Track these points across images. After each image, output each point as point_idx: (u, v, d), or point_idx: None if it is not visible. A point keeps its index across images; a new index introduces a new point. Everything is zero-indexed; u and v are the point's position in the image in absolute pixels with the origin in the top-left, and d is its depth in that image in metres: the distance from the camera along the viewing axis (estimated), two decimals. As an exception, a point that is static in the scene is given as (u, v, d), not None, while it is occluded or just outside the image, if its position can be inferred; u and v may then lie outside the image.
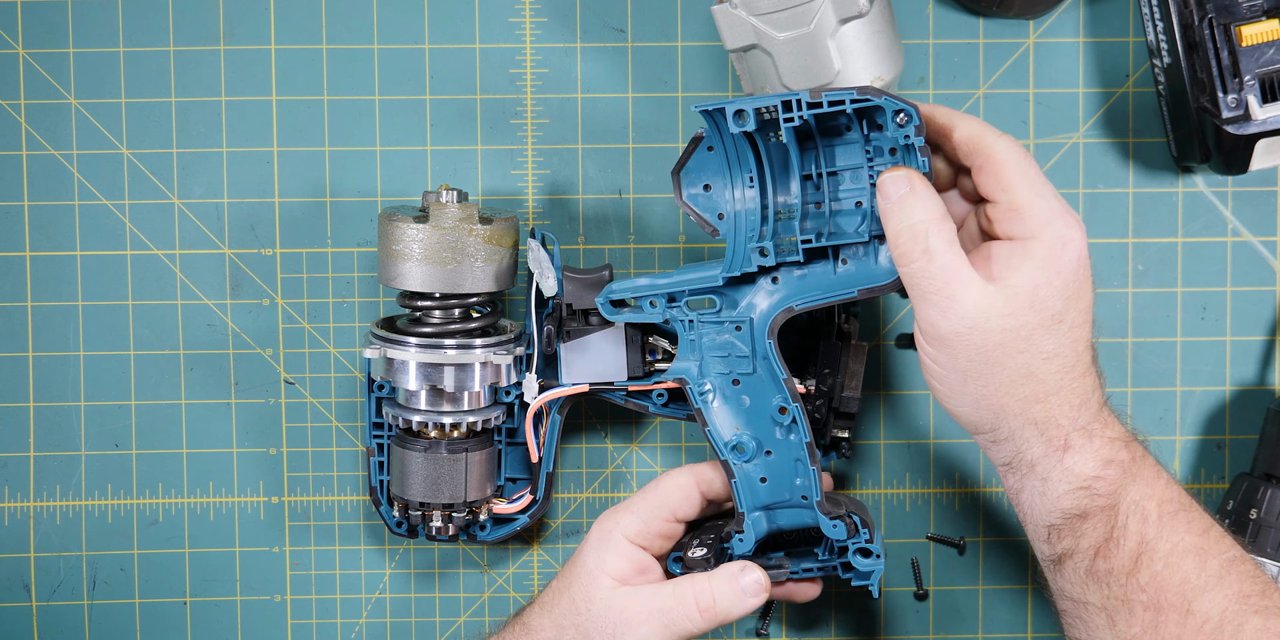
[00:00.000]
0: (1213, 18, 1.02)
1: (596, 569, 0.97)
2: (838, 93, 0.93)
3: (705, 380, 1.01)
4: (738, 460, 1.00)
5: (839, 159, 0.99)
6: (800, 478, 1.00)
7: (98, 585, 1.15)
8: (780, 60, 1.00)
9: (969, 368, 0.90)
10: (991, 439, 0.92)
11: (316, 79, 1.12)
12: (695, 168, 1.01)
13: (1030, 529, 0.94)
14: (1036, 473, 0.92)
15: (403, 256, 1.03)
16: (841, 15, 0.98)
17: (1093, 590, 0.91)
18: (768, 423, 1.01)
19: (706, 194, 1.01)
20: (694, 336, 1.01)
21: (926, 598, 1.16)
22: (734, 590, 0.96)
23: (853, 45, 1.00)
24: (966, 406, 0.92)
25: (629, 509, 1.00)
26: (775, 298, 1.00)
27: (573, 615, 0.96)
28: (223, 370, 1.14)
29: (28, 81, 1.12)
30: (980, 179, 0.92)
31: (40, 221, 1.13)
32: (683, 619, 0.95)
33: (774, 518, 1.01)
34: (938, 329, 0.90)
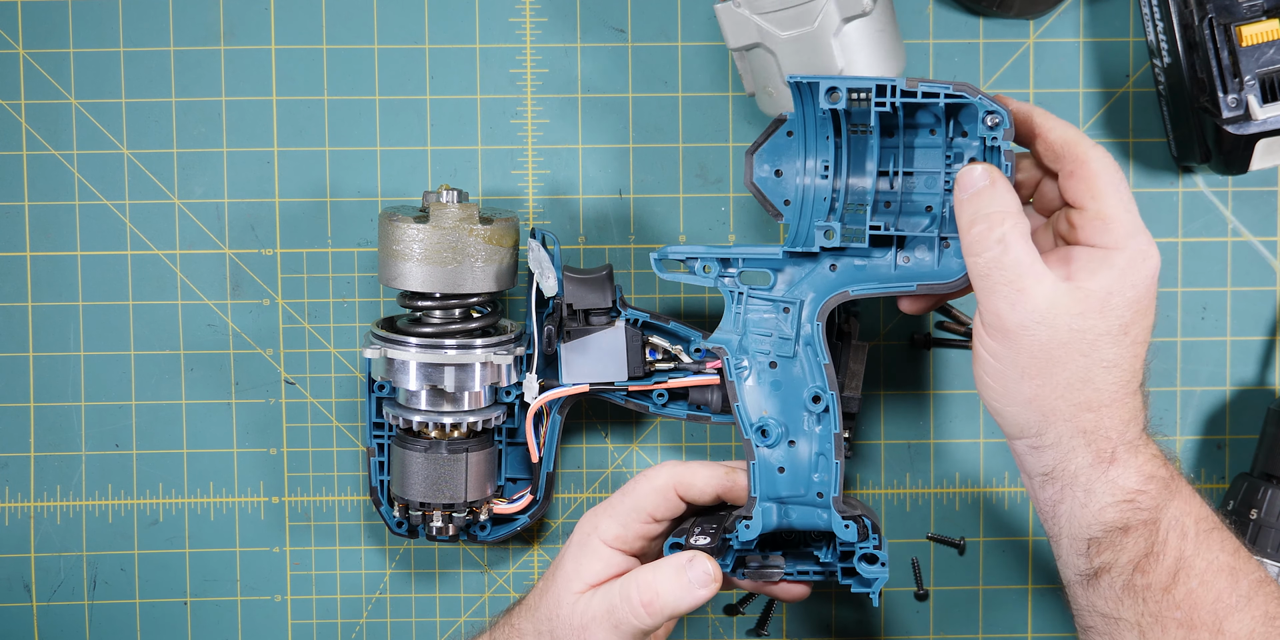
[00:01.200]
0: (1213, 18, 1.02)
1: (573, 574, 0.96)
2: (933, 84, 0.93)
3: (744, 356, 1.00)
4: (760, 443, 0.99)
5: (917, 161, 0.98)
6: (819, 473, 0.98)
7: (98, 585, 1.15)
8: (783, 59, 1.00)
9: (1029, 365, 0.89)
10: (1034, 444, 0.91)
11: (316, 79, 1.12)
12: (770, 151, 1.00)
13: (1065, 543, 0.93)
14: (1079, 484, 0.91)
15: (403, 256, 1.03)
16: (845, 14, 0.98)
17: (1127, 606, 0.90)
18: (798, 411, 0.99)
19: (776, 179, 1.00)
20: (740, 310, 1.00)
21: (926, 598, 1.16)
22: (679, 583, 0.93)
23: (856, 44, 1.00)
24: (1017, 406, 0.91)
25: (607, 512, 0.98)
26: (834, 283, 0.98)
27: (548, 621, 0.96)
28: (223, 370, 1.14)
29: (28, 81, 1.12)
30: (1069, 184, 0.92)
31: (40, 221, 1.13)
32: (628, 616, 0.93)
33: (785, 512, 1.00)
34: (1003, 321, 0.89)
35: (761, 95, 1.04)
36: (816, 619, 1.16)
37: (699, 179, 1.13)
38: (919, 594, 1.16)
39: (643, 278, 1.14)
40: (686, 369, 1.08)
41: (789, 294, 0.99)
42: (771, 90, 1.03)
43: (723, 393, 1.08)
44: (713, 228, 1.14)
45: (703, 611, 1.16)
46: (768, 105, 1.04)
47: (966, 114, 0.95)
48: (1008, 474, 1.16)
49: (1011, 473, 1.16)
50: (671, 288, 1.14)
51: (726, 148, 1.13)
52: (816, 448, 0.99)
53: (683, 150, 1.13)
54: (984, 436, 1.15)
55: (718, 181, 1.13)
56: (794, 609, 1.16)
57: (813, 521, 1.00)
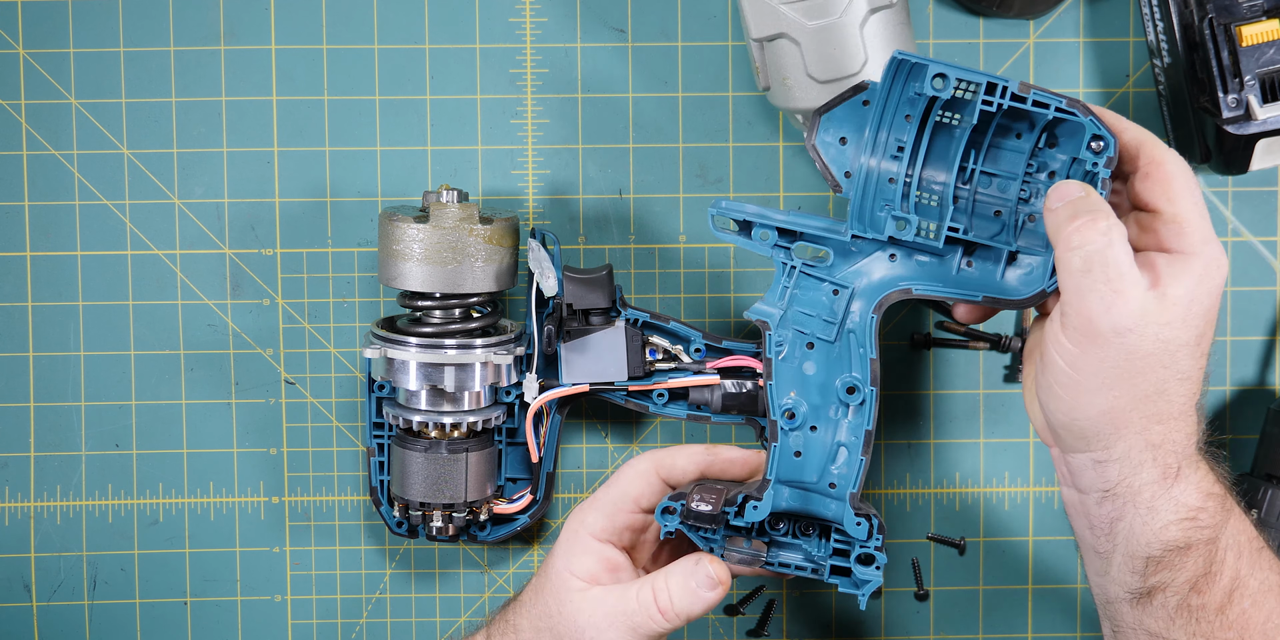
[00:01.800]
0: (1213, 18, 1.02)
1: (565, 571, 0.96)
2: (1046, 96, 0.90)
3: (785, 332, 0.97)
4: (786, 425, 0.97)
5: (997, 162, 0.95)
6: (837, 466, 0.96)
7: (98, 585, 1.15)
8: (807, 49, 0.99)
9: (1111, 374, 0.87)
10: (1101, 458, 0.89)
11: (316, 79, 1.12)
12: (841, 116, 0.95)
13: (1120, 560, 0.90)
14: (1142, 501, 0.89)
15: (403, 256, 1.03)
16: (873, 5, 0.97)
17: (1179, 625, 0.89)
18: (826, 397, 0.97)
19: (839, 147, 0.96)
20: (788, 284, 0.97)
21: (927, 598, 1.16)
22: (688, 589, 0.93)
23: (878, 37, 0.99)
24: (1090, 419, 0.88)
25: (593, 506, 0.98)
26: (892, 274, 0.96)
27: (546, 617, 0.96)
28: (223, 370, 1.14)
29: (28, 81, 1.12)
30: (1144, 186, 0.90)
31: (40, 221, 1.13)
32: (647, 621, 0.94)
33: (797, 498, 0.97)
34: (1096, 325, 0.86)
35: (778, 88, 1.04)
36: (816, 619, 1.16)
37: (699, 179, 1.13)
38: (919, 594, 1.16)
39: (643, 278, 1.14)
40: (686, 369, 1.08)
41: (844, 277, 0.96)
42: (790, 83, 1.02)
43: (722, 393, 1.08)
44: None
45: (703, 611, 1.16)
46: (782, 98, 1.04)
47: (1065, 128, 0.92)
48: (1007, 474, 1.16)
49: (1011, 473, 1.16)
50: (672, 288, 1.14)
51: (726, 148, 1.13)
52: (839, 438, 0.97)
53: (683, 150, 1.13)
54: (984, 436, 1.15)
55: (718, 181, 1.13)
56: (794, 609, 1.16)
57: (821, 511, 0.97)
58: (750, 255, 1.14)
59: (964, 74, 0.91)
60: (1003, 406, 1.15)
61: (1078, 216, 0.88)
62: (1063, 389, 0.89)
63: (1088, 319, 0.86)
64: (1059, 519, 1.16)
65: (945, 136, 0.95)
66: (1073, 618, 1.16)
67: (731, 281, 1.14)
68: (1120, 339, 0.86)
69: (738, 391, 1.08)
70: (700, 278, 1.14)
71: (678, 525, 0.96)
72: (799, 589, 1.16)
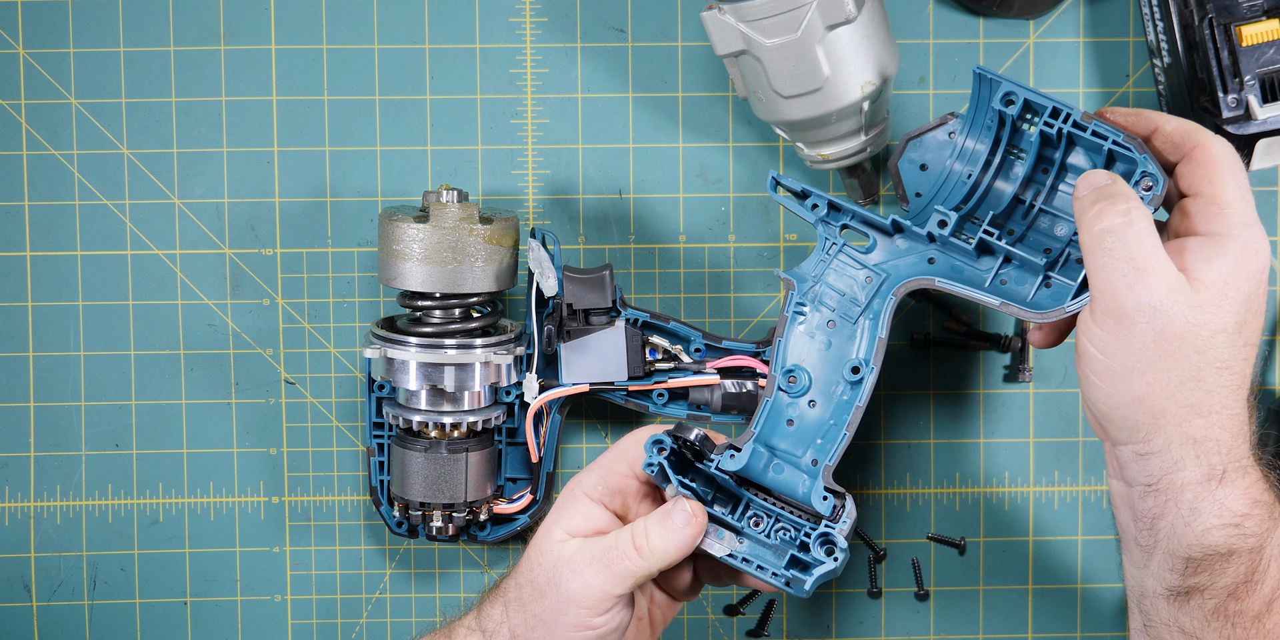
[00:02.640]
0: (1213, 18, 1.02)
1: (553, 525, 0.95)
2: (1106, 128, 0.92)
3: (808, 300, 0.98)
4: (784, 386, 0.97)
5: (1056, 200, 0.97)
6: (824, 440, 0.96)
7: (98, 585, 1.15)
8: (769, 66, 1.00)
9: (1141, 357, 0.86)
10: (1142, 451, 0.89)
11: (316, 79, 1.12)
12: (926, 145, 0.99)
13: (1160, 557, 0.90)
14: (1184, 500, 0.88)
15: (403, 256, 1.03)
16: (829, 21, 0.98)
17: (1214, 629, 0.88)
18: (834, 376, 0.97)
19: (919, 172, 0.99)
20: (826, 258, 0.98)
21: (927, 598, 1.16)
22: (665, 526, 0.93)
23: (843, 50, 0.99)
24: (1126, 407, 0.88)
25: (592, 467, 0.97)
26: (931, 270, 0.97)
27: (528, 572, 0.95)
28: (223, 370, 1.14)
29: (28, 81, 1.12)
30: (1187, 169, 0.90)
31: (40, 221, 1.13)
32: (620, 557, 0.92)
33: (772, 465, 0.96)
34: (1121, 303, 0.86)
35: (753, 101, 1.05)
36: (816, 619, 1.16)
37: (699, 179, 1.13)
38: (919, 594, 1.16)
39: (643, 278, 1.14)
40: (686, 369, 1.08)
41: (880, 265, 0.97)
42: (761, 96, 1.03)
43: (722, 393, 1.08)
44: (713, 228, 1.14)
45: (703, 612, 1.16)
46: (761, 111, 1.04)
47: (1122, 159, 0.93)
48: (1007, 474, 1.16)
49: (1011, 473, 1.16)
50: (672, 288, 1.14)
51: (726, 148, 1.13)
52: (832, 417, 0.97)
53: (683, 150, 1.13)
54: (984, 436, 1.15)
55: (718, 181, 1.13)
56: (794, 609, 1.16)
57: (791, 488, 0.97)
58: (750, 255, 1.14)
59: (1031, 96, 0.93)
60: (1003, 406, 1.15)
61: (1099, 200, 0.88)
62: (1098, 377, 0.88)
63: (1113, 299, 0.87)
64: (1059, 519, 1.16)
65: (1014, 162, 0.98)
66: (1073, 618, 1.16)
67: (731, 281, 1.14)
68: (1147, 318, 0.86)
69: (738, 391, 1.08)
70: (700, 278, 1.14)
71: (660, 459, 0.95)
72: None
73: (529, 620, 0.94)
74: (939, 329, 1.15)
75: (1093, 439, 1.15)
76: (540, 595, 0.93)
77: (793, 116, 1.02)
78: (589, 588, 0.92)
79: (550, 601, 0.93)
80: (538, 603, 0.93)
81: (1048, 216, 0.98)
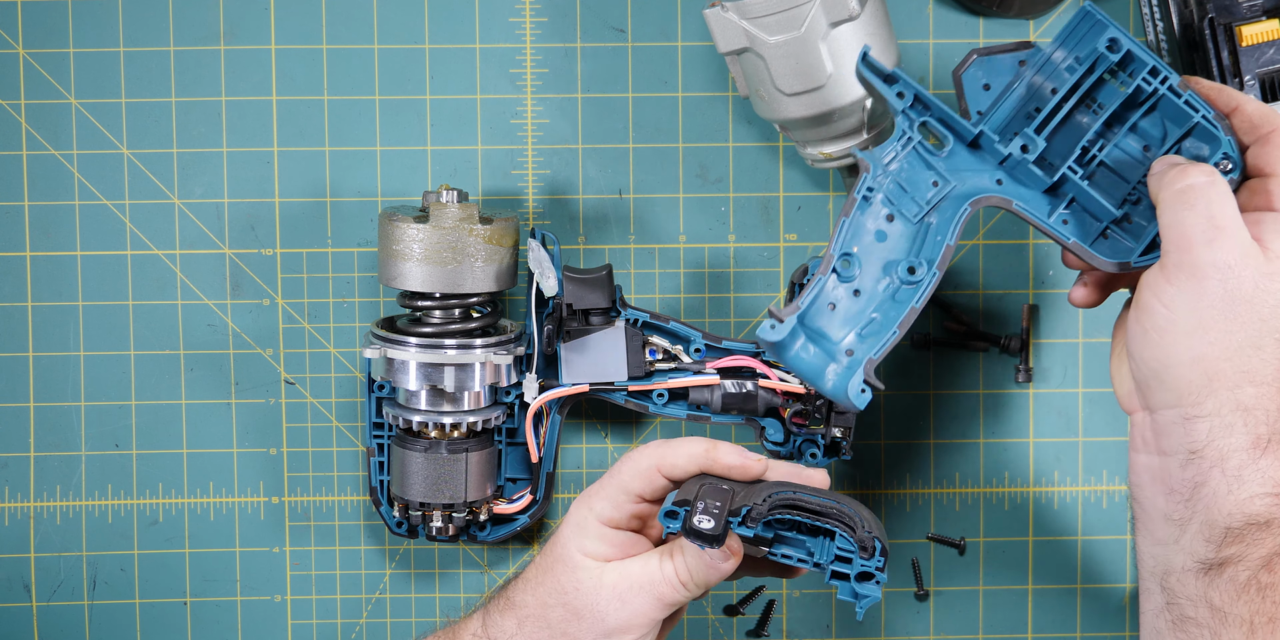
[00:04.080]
0: (1213, 18, 1.02)
1: (578, 553, 0.96)
2: (1199, 101, 0.92)
3: (877, 189, 0.95)
4: (839, 267, 0.94)
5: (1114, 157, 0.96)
6: (861, 330, 0.94)
7: (98, 585, 1.15)
8: (772, 63, 1.00)
9: (1208, 315, 0.87)
10: (1190, 414, 0.88)
11: (316, 79, 1.12)
12: (994, 64, 0.96)
13: (1196, 527, 0.89)
14: (1229, 468, 0.88)
15: (403, 256, 1.03)
16: (832, 18, 0.98)
17: (1244, 602, 0.88)
18: (879, 269, 0.95)
19: (981, 90, 0.96)
20: (899, 152, 0.95)
21: (927, 598, 1.16)
22: (704, 562, 0.93)
23: (845, 48, 1.00)
24: (1182, 365, 0.88)
25: (599, 493, 0.97)
26: (997, 190, 0.95)
27: (559, 594, 0.95)
28: (223, 370, 1.14)
29: (28, 81, 1.12)
30: (1263, 151, 0.91)
31: (40, 221, 1.13)
32: (670, 591, 0.94)
33: (801, 345, 0.94)
34: (1196, 258, 0.87)
35: (754, 99, 1.05)
36: (816, 619, 1.16)
37: (699, 179, 1.13)
38: (919, 594, 1.16)
39: (643, 278, 1.14)
40: (686, 369, 1.08)
41: (949, 172, 0.95)
42: (763, 94, 1.03)
43: (722, 393, 1.08)
44: (713, 228, 1.14)
45: (703, 612, 1.16)
46: (762, 109, 1.04)
47: (1202, 134, 0.93)
48: (1008, 474, 1.16)
49: (1012, 473, 1.16)
50: (672, 288, 1.14)
51: (726, 148, 1.13)
52: (873, 310, 0.95)
53: (683, 150, 1.13)
54: (984, 436, 1.15)
55: (718, 181, 1.13)
56: (794, 609, 1.16)
57: (814, 371, 0.94)
58: (750, 255, 1.14)
59: (1138, 48, 0.92)
60: (1003, 407, 1.15)
61: (1178, 163, 0.90)
62: (1159, 332, 0.89)
63: (1189, 253, 0.87)
64: (1059, 519, 1.16)
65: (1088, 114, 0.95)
66: (1073, 618, 1.16)
67: (731, 281, 1.14)
68: (1220, 275, 0.87)
69: (738, 391, 1.08)
70: (700, 278, 1.14)
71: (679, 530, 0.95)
72: (799, 589, 1.16)
73: (555, 638, 0.95)
74: (939, 329, 1.15)
75: (1093, 439, 1.15)
76: (577, 618, 0.94)
77: (795, 114, 1.02)
78: (639, 617, 0.94)
79: (588, 624, 0.94)
80: (572, 623, 0.94)
81: (1104, 170, 0.96)
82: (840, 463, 1.15)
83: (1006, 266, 1.15)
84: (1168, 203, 0.89)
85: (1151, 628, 0.92)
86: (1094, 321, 1.15)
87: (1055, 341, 1.15)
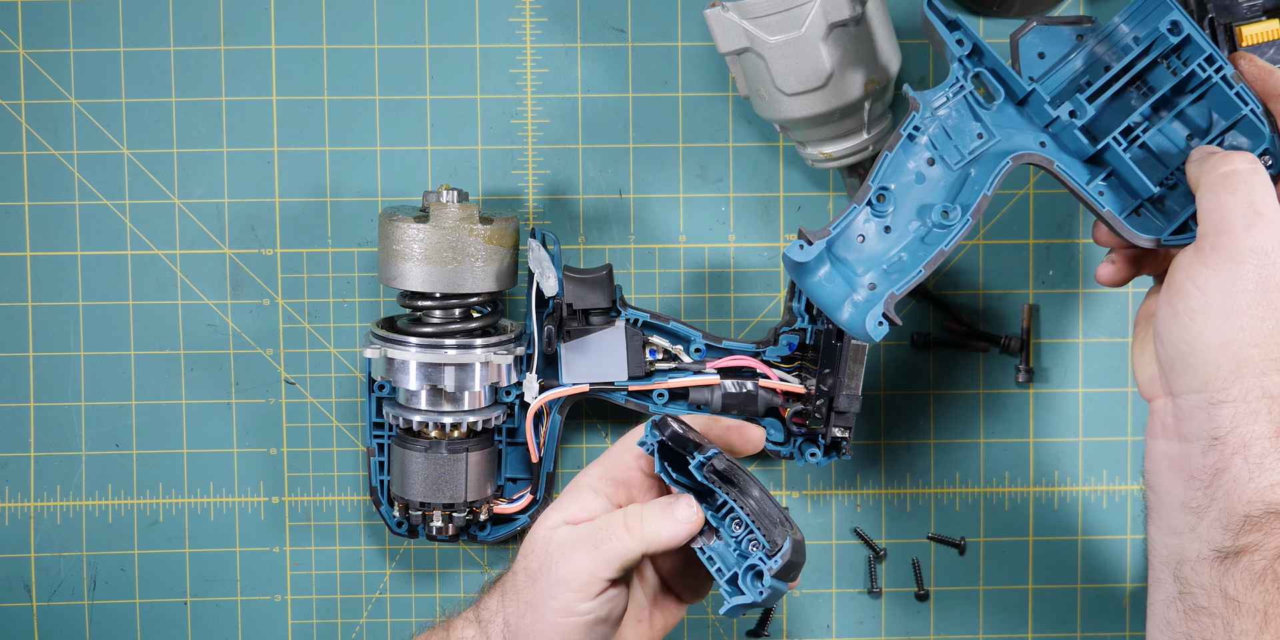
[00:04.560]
0: (1213, 17, 1.02)
1: (551, 512, 0.96)
2: (1249, 93, 0.93)
3: (924, 129, 0.96)
4: (873, 199, 0.94)
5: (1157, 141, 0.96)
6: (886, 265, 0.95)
7: (98, 585, 1.15)
8: (773, 63, 1.00)
9: (1241, 300, 0.87)
10: (1216, 399, 0.89)
11: (316, 79, 1.12)
12: (1051, 34, 0.97)
13: (1215, 515, 0.89)
14: (1250, 456, 0.88)
15: (403, 256, 1.03)
16: (832, 19, 0.98)
17: (1259, 591, 0.88)
18: (911, 210, 0.95)
19: (1036, 58, 0.97)
20: (950, 98, 0.95)
21: (927, 598, 1.16)
22: (664, 513, 0.93)
23: (846, 48, 1.00)
24: (1211, 349, 0.88)
25: (597, 461, 0.97)
26: (1039, 146, 0.96)
27: (522, 559, 0.95)
28: (223, 370, 1.14)
29: (28, 81, 1.12)
30: None
31: (40, 221, 1.13)
32: (609, 537, 0.92)
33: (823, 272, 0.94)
34: (1235, 242, 0.87)
35: (755, 99, 1.05)
36: (816, 619, 1.16)
37: (699, 179, 1.13)
38: (919, 594, 1.16)
39: (643, 278, 1.14)
40: (686, 369, 1.08)
41: (995, 125, 0.96)
42: (764, 94, 1.03)
43: (722, 393, 1.08)
44: (713, 228, 1.14)
45: (703, 612, 1.16)
46: (762, 109, 1.05)
47: (1247, 127, 0.94)
48: (1008, 474, 1.16)
49: (1011, 473, 1.16)
50: (672, 288, 1.14)
51: (726, 148, 1.13)
52: (905, 250, 0.95)
53: (683, 150, 1.13)
54: (984, 436, 1.15)
55: (718, 181, 1.13)
56: (794, 609, 1.16)
57: (832, 300, 0.94)
58: (750, 255, 1.14)
59: (1195, 33, 0.92)
60: (1003, 407, 1.15)
61: (1220, 151, 0.91)
62: (1190, 315, 0.89)
63: (1228, 237, 0.88)
64: (1059, 519, 1.16)
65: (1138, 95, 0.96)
66: (1073, 618, 1.16)
67: (731, 281, 1.14)
68: (1257, 261, 0.87)
69: (738, 391, 1.08)
70: (700, 278, 1.14)
71: (655, 440, 0.94)
72: (799, 589, 1.16)
73: (521, 607, 0.94)
74: (939, 329, 1.15)
75: (1093, 439, 1.15)
76: (532, 581, 0.94)
77: (795, 114, 1.02)
78: (576, 570, 0.92)
79: (541, 586, 0.93)
80: (530, 589, 0.93)
81: (1145, 153, 0.96)
82: (840, 463, 1.15)
83: (1006, 266, 1.15)
84: (1209, 186, 0.89)
85: (1161, 618, 0.91)
86: (1094, 321, 1.15)
87: (1055, 341, 1.15)
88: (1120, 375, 1.15)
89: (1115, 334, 1.14)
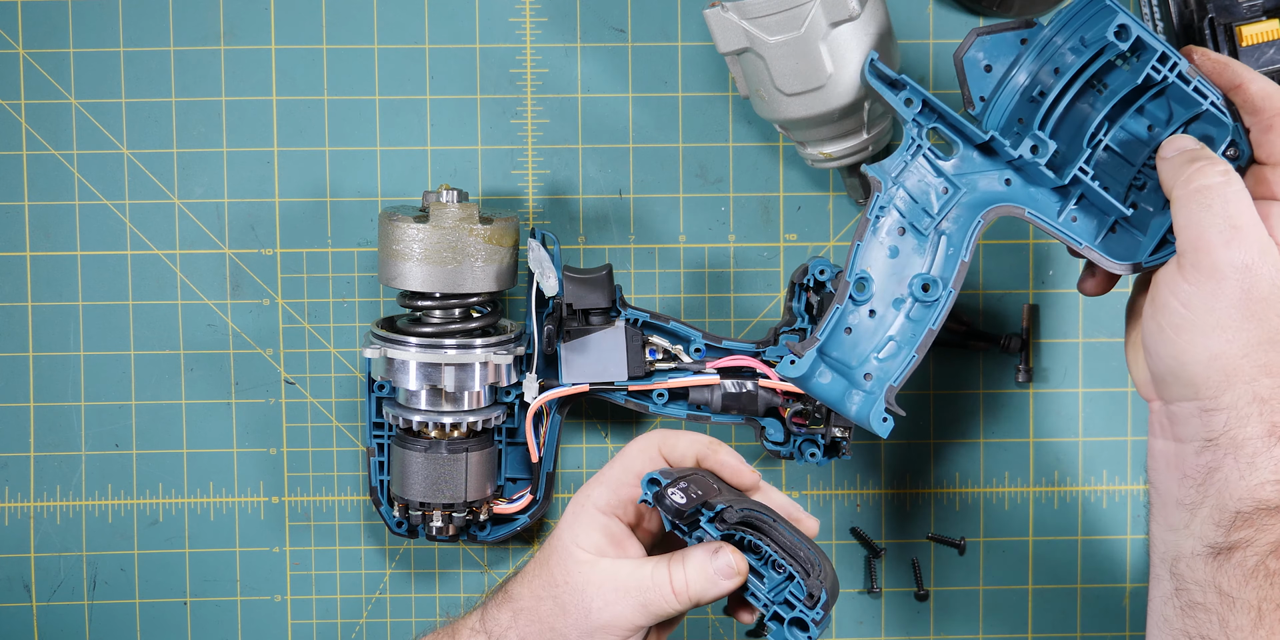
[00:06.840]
0: (1213, 18, 1.02)
1: (572, 544, 0.96)
2: (1210, 88, 0.91)
3: (889, 206, 0.94)
4: (854, 292, 0.94)
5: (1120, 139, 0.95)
6: (882, 359, 0.94)
7: (98, 585, 1.15)
8: (772, 63, 1.00)
9: (1225, 315, 0.87)
10: (1208, 407, 0.89)
11: (316, 79, 1.12)
12: (996, 45, 0.96)
13: (1207, 511, 0.90)
14: (1242, 455, 0.88)
15: (403, 256, 1.03)
16: (832, 18, 0.98)
17: (1253, 587, 0.88)
18: (894, 286, 0.95)
19: (982, 72, 0.97)
20: (908, 160, 0.95)
21: (927, 598, 1.16)
22: (706, 574, 0.93)
23: (845, 48, 0.99)
24: (1199, 363, 0.88)
25: (599, 480, 0.97)
26: (1006, 191, 0.95)
27: (550, 587, 0.95)
28: (223, 370, 1.14)
29: (28, 81, 1.12)
30: (1266, 138, 0.91)
31: (40, 221, 1.13)
32: (659, 600, 0.93)
33: (819, 373, 0.93)
34: (1215, 259, 0.87)
35: (755, 99, 1.05)
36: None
37: (699, 179, 1.13)
38: (919, 594, 1.16)
39: (643, 278, 1.14)
40: (686, 369, 1.08)
41: (957, 176, 0.95)
42: (764, 94, 1.03)
43: (722, 393, 1.08)
44: (712, 228, 1.14)
45: (703, 612, 1.16)
46: (762, 109, 1.04)
47: (1210, 119, 0.93)
48: (1007, 474, 1.16)
49: (1011, 473, 1.16)
50: (672, 288, 1.14)
51: (726, 148, 1.13)
52: (892, 332, 0.95)
53: (683, 150, 1.13)
54: (984, 436, 1.15)
55: (718, 181, 1.13)
56: (794, 609, 1.16)
57: (836, 397, 0.94)
58: (750, 255, 1.14)
59: (1145, 35, 0.91)
60: (1003, 407, 1.15)
61: (1196, 160, 0.89)
62: (1175, 331, 0.89)
63: (1207, 254, 0.87)
64: (1059, 519, 1.16)
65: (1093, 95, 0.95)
66: (1073, 618, 1.16)
67: (731, 281, 1.14)
68: (1238, 275, 0.87)
69: (738, 391, 1.08)
70: (700, 278, 1.14)
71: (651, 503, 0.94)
72: (799, 589, 1.16)
73: (544, 632, 0.94)
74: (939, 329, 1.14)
75: (1093, 439, 1.15)
76: (563, 612, 0.94)
77: (795, 114, 1.02)
78: (621, 619, 0.93)
79: (574, 620, 0.93)
80: (559, 618, 0.94)
81: (1109, 155, 0.96)
82: (840, 463, 1.15)
83: (1006, 266, 1.15)
84: (1183, 201, 0.89)
85: (1159, 615, 0.92)
86: (1094, 321, 1.15)
87: (1055, 341, 1.15)
88: (1120, 375, 1.15)
89: (1115, 334, 1.14)
